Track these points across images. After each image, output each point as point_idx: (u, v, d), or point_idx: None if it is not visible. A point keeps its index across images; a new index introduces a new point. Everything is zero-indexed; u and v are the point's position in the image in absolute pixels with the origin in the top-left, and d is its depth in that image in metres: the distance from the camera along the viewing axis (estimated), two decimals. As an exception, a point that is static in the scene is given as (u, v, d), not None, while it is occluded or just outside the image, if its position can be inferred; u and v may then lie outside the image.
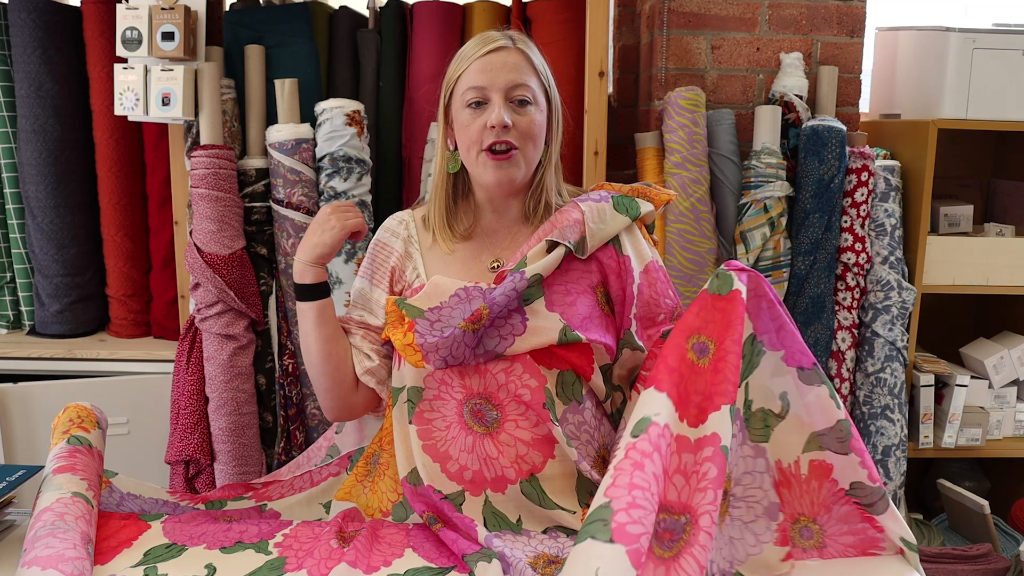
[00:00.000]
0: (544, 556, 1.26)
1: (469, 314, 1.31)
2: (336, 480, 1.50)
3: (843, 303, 2.12)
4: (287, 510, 1.47)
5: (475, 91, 1.36)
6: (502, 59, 1.36)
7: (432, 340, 1.30)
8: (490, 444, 1.32)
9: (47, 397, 2.00)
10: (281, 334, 1.99)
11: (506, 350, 1.32)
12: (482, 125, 1.35)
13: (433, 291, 1.36)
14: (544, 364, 1.33)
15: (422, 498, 1.35)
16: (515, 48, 1.39)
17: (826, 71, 2.12)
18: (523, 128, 1.36)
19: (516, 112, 1.36)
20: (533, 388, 1.32)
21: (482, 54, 1.37)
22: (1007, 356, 2.26)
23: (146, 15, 1.86)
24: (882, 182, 2.12)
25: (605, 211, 1.41)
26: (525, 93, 1.36)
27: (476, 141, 1.36)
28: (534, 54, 1.41)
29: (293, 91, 1.94)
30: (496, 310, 1.31)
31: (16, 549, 1.24)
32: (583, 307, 1.35)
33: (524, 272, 1.33)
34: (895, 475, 2.11)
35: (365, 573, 1.21)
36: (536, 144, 1.39)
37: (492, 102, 1.35)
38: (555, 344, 1.32)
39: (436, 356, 1.31)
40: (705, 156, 2.04)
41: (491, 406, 1.33)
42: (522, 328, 1.32)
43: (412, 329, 1.32)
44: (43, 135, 2.09)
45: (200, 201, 1.87)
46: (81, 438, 1.38)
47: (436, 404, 1.35)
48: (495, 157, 1.35)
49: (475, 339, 1.31)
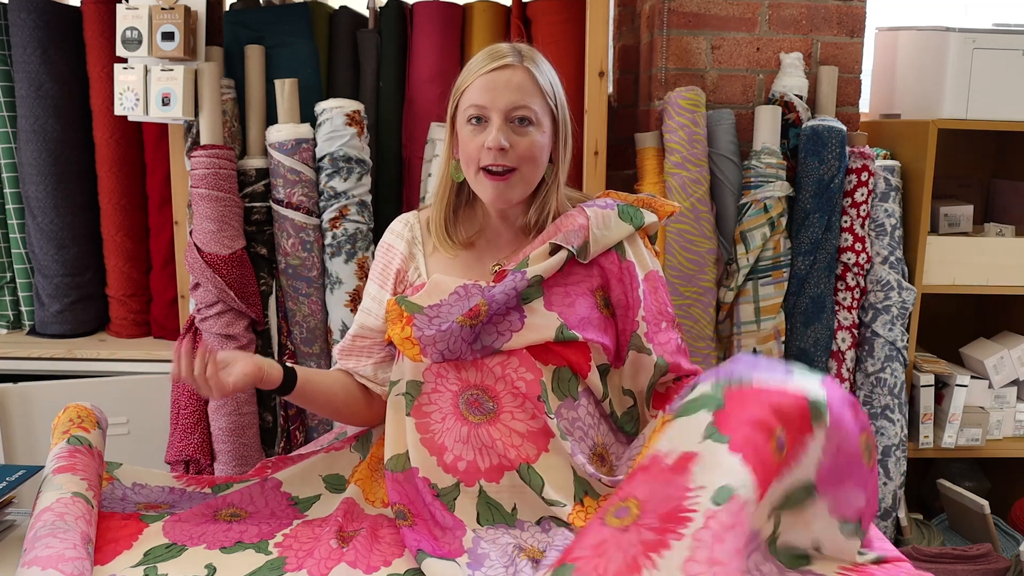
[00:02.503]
0: (531, 551, 1.26)
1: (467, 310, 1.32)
2: (339, 454, 1.50)
3: (843, 303, 2.12)
4: (287, 480, 1.47)
5: (476, 108, 1.35)
6: (506, 78, 1.34)
7: (430, 333, 1.32)
8: (485, 433, 1.33)
9: (47, 397, 2.00)
10: (281, 334, 1.99)
11: (503, 345, 1.33)
12: (480, 144, 1.34)
13: (433, 289, 1.37)
14: (540, 360, 1.34)
15: (399, 486, 1.35)
16: (521, 66, 1.36)
17: (826, 71, 2.12)
18: (521, 150, 1.34)
19: (515, 133, 1.34)
20: (529, 381, 1.33)
21: (486, 71, 1.35)
22: (1007, 356, 2.26)
23: (146, 15, 1.86)
24: (882, 182, 2.12)
25: (610, 218, 1.41)
26: (527, 114, 1.34)
27: (474, 159, 1.36)
28: (541, 73, 1.38)
29: (293, 91, 1.94)
30: (494, 307, 1.32)
31: (16, 549, 1.24)
32: (581, 308, 1.36)
33: (525, 272, 1.33)
34: (895, 475, 2.11)
35: (365, 573, 1.21)
36: (535, 165, 1.37)
37: (491, 122, 1.34)
38: (552, 341, 1.33)
39: (433, 349, 1.32)
40: (705, 156, 2.04)
41: (488, 397, 1.34)
42: (520, 325, 1.33)
43: (410, 323, 1.34)
44: (43, 135, 2.09)
45: (200, 201, 1.87)
46: (81, 438, 1.38)
47: (433, 397, 1.36)
48: (492, 178, 1.35)
49: (472, 334, 1.32)
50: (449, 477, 1.34)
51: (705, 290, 2.04)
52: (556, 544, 1.27)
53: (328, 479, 1.48)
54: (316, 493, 1.45)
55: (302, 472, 1.48)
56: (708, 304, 2.05)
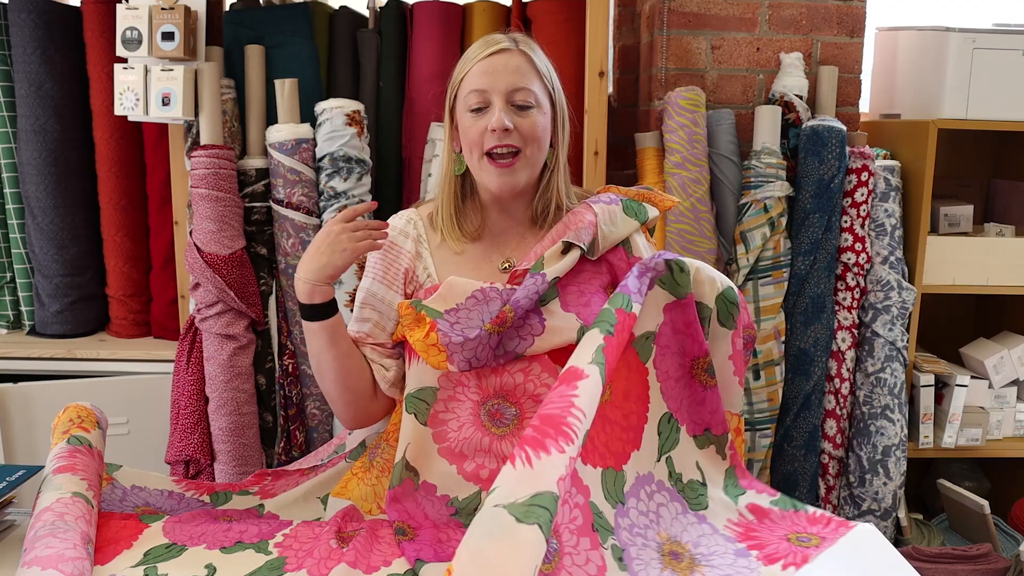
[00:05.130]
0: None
1: (489, 315, 1.31)
2: (335, 471, 1.49)
3: (843, 303, 2.12)
4: (285, 508, 1.46)
5: (477, 94, 1.36)
6: (504, 61, 1.36)
7: (457, 340, 1.29)
8: (508, 445, 1.31)
9: (47, 397, 2.00)
10: (281, 334, 1.99)
11: (526, 350, 1.32)
12: (483, 128, 1.35)
13: (448, 293, 1.35)
14: (562, 364, 1.33)
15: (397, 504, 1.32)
16: (518, 50, 1.38)
17: (826, 71, 2.12)
18: (525, 130, 1.35)
19: (517, 115, 1.36)
20: (551, 387, 1.32)
21: (484, 56, 1.37)
22: (1007, 356, 2.26)
23: (146, 15, 1.86)
24: (882, 182, 2.12)
25: (616, 214, 1.42)
26: (527, 96, 1.36)
27: (477, 144, 1.36)
28: (538, 57, 1.40)
29: (293, 91, 1.94)
30: (519, 312, 1.31)
31: (16, 549, 1.24)
32: (597, 306, 1.35)
33: (545, 275, 1.32)
34: (895, 475, 2.11)
35: (365, 573, 1.20)
36: (540, 146, 1.39)
37: (493, 105, 1.35)
38: (574, 343, 1.31)
39: (461, 357, 1.30)
40: (705, 156, 2.04)
41: (509, 403, 1.33)
42: (540, 328, 1.32)
43: (434, 329, 1.31)
44: (43, 135, 2.09)
45: (200, 201, 1.87)
46: (81, 438, 1.38)
47: (451, 405, 1.34)
48: (497, 164, 1.35)
49: (497, 341, 1.31)
50: (470, 485, 1.32)
51: (705, 290, 2.04)
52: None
53: (326, 500, 1.46)
54: (316, 516, 1.44)
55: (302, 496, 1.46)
56: (708, 304, 2.05)
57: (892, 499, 2.13)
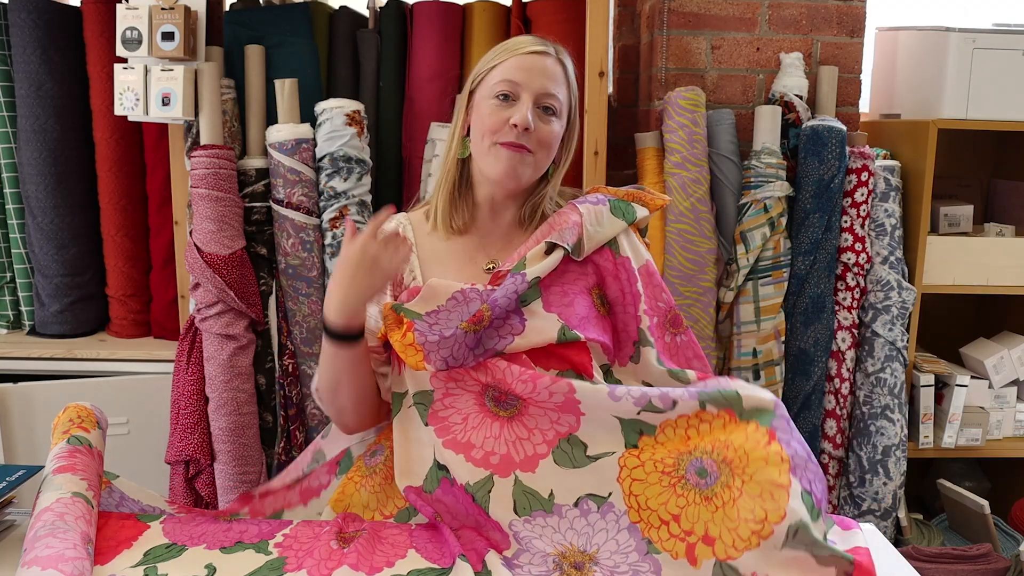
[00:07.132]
0: (572, 552, 1.23)
1: (468, 315, 1.31)
2: (328, 491, 1.46)
3: (843, 303, 2.12)
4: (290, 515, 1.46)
5: (508, 84, 1.37)
6: (542, 63, 1.38)
7: (433, 339, 1.29)
8: (519, 426, 1.30)
9: (47, 397, 2.00)
10: (281, 334, 1.99)
11: (505, 348, 1.32)
12: (504, 119, 1.36)
13: (430, 295, 1.34)
14: (541, 365, 1.32)
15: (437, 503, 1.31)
16: (556, 58, 1.41)
17: (826, 71, 2.12)
18: (542, 135, 1.37)
19: (540, 118, 1.37)
20: None
21: (525, 52, 1.38)
22: (1007, 356, 2.26)
23: (146, 15, 1.86)
24: (882, 182, 2.12)
25: (602, 214, 1.41)
26: (553, 103, 1.38)
27: (492, 131, 1.36)
28: (570, 71, 1.43)
29: (293, 91, 1.94)
30: (497, 311, 1.31)
31: (16, 549, 1.24)
32: (580, 308, 1.35)
33: (525, 275, 1.32)
34: (895, 475, 2.11)
35: (368, 574, 1.20)
36: (549, 154, 1.40)
37: (521, 101, 1.36)
38: (554, 343, 1.32)
39: (437, 356, 1.30)
40: (705, 156, 2.04)
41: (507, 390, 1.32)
42: (521, 327, 1.32)
43: (411, 329, 1.31)
44: (43, 135, 2.09)
45: (200, 201, 1.87)
46: (81, 438, 1.37)
47: (449, 400, 1.33)
48: (509, 147, 1.36)
49: (475, 340, 1.31)
50: (480, 471, 1.29)
51: (705, 290, 2.04)
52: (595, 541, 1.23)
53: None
54: (316, 512, 1.43)
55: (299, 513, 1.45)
56: (708, 304, 2.05)
57: (892, 499, 2.13)
